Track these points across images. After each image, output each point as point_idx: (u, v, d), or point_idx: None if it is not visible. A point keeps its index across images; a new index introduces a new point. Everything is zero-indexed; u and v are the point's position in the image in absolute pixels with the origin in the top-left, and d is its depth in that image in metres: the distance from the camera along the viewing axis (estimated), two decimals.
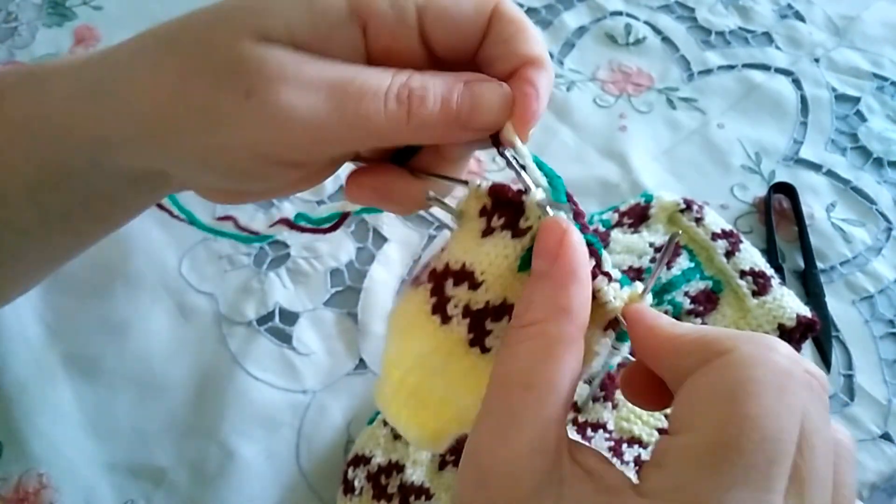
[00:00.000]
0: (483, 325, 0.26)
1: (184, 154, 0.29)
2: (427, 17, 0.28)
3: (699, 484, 0.21)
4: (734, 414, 0.21)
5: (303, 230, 0.51)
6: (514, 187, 0.27)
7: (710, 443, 0.21)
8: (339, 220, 0.51)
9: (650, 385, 0.27)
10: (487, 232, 0.26)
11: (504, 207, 0.26)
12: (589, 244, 0.26)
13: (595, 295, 0.26)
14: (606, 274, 0.26)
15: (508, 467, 0.23)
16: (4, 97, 0.33)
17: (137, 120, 0.29)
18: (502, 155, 0.28)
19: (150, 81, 0.29)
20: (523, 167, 0.27)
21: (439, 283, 0.27)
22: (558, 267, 0.25)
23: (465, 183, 0.28)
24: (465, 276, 0.26)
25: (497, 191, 0.26)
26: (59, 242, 0.38)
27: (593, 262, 0.26)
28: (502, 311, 0.26)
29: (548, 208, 0.26)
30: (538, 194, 0.26)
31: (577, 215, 0.27)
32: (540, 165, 0.27)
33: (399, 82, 0.27)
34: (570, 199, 0.27)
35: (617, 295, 0.26)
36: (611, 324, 0.27)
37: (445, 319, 0.26)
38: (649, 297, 0.27)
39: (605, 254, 0.26)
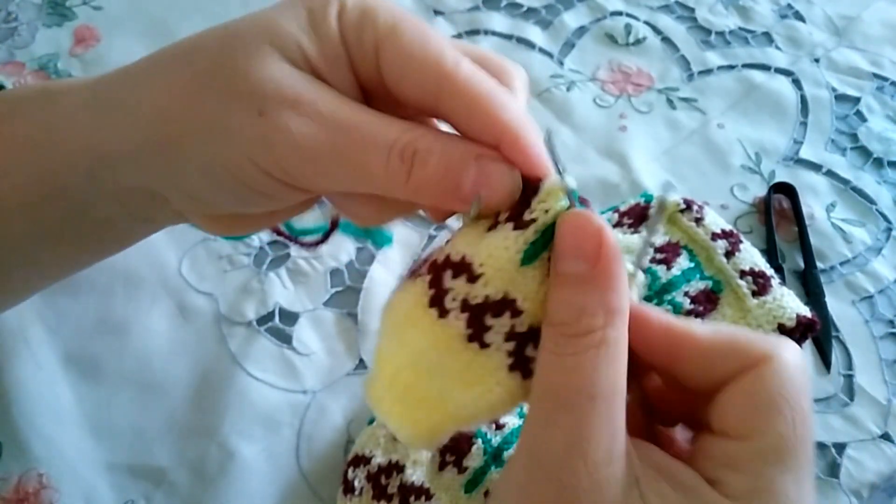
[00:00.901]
0: (482, 320, 0.25)
1: (185, 165, 0.29)
2: (382, 57, 0.27)
3: (784, 482, 0.23)
4: (799, 415, 0.24)
5: (291, 240, 0.51)
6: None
7: (785, 444, 0.24)
8: (327, 233, 0.51)
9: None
10: (493, 227, 0.26)
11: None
12: None
13: None
14: None
15: (591, 481, 0.23)
16: (16, 113, 0.33)
17: (143, 129, 0.29)
18: None
19: (160, 92, 0.29)
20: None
21: (438, 274, 0.26)
22: (604, 269, 0.24)
23: None
24: (463, 268, 0.25)
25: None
26: (48, 262, 0.38)
27: None
28: (503, 306, 0.25)
29: (567, 200, 0.25)
30: (564, 181, 0.25)
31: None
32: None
33: (406, 140, 0.26)
34: (583, 201, 0.26)
35: None
36: None
37: (443, 313, 0.25)
38: (641, 276, 0.27)
39: None
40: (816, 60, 0.66)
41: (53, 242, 0.35)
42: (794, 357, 0.25)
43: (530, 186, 0.26)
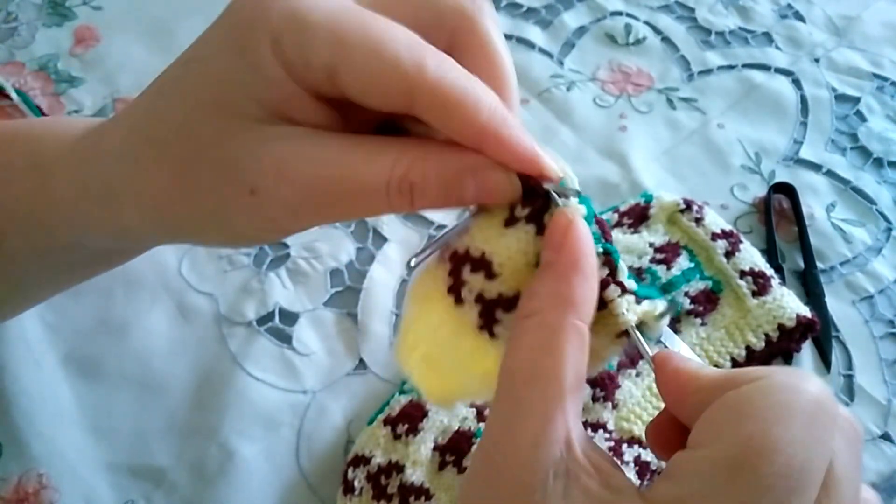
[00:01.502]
0: (493, 313, 0.27)
1: (201, 238, 0.31)
2: (340, 82, 0.26)
3: (707, 498, 0.20)
4: (759, 434, 0.20)
5: None
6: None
7: (726, 458, 0.21)
8: None
9: (677, 436, 0.26)
10: (511, 221, 0.27)
11: (528, 196, 0.26)
12: (607, 253, 0.26)
13: (606, 304, 0.26)
14: (619, 284, 0.26)
15: (513, 460, 0.23)
16: (4, 199, 0.33)
17: (151, 215, 0.30)
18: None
19: (153, 181, 0.29)
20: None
21: (457, 266, 0.27)
22: (561, 257, 0.25)
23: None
24: (482, 265, 0.26)
25: (522, 180, 0.26)
26: (66, 279, 0.40)
27: (607, 271, 0.26)
28: (514, 302, 0.26)
29: (559, 198, 0.26)
30: (558, 178, 0.26)
31: (599, 223, 0.27)
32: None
33: (399, 175, 0.26)
34: (597, 221, 0.27)
35: (630, 308, 0.26)
36: (624, 333, 0.27)
37: (459, 301, 0.27)
38: (665, 323, 0.27)
39: (622, 264, 0.27)
40: (816, 60, 0.66)
41: (70, 271, 0.37)
42: (793, 381, 0.22)
43: (531, 180, 0.26)
